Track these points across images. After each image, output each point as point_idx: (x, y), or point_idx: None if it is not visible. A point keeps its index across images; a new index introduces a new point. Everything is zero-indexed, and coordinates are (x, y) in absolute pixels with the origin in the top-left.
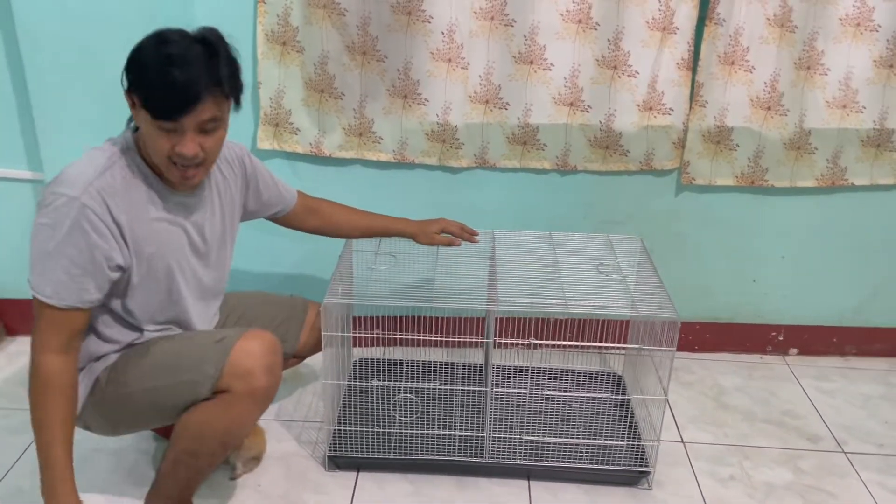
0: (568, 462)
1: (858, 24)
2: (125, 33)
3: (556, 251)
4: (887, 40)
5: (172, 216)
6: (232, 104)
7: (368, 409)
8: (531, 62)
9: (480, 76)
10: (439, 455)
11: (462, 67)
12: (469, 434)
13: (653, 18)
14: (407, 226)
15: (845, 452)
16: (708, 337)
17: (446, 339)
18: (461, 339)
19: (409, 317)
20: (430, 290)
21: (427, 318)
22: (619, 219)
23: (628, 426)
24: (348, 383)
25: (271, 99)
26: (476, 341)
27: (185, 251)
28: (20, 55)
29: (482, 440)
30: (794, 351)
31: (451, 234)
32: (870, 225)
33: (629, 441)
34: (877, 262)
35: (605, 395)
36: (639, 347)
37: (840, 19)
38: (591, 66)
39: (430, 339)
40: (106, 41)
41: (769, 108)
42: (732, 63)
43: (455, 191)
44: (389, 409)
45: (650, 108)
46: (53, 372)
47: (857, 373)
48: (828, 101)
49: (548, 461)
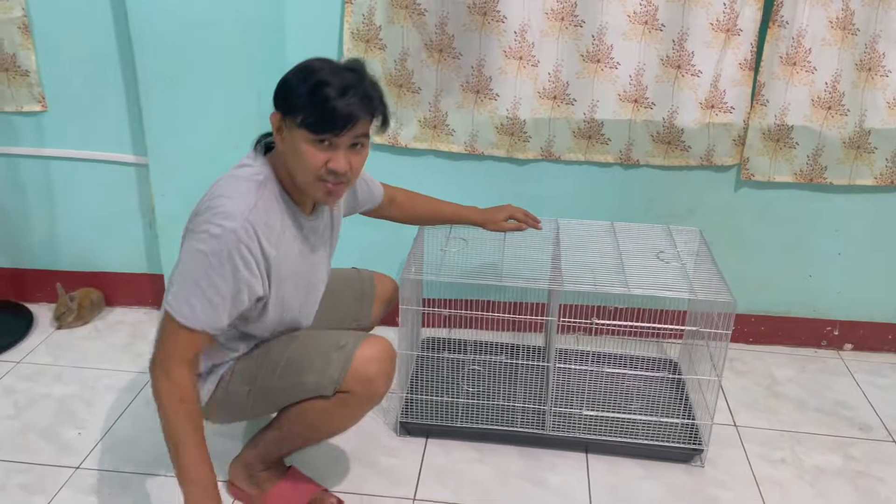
0: (624, 437)
1: None
2: (222, 33)
3: (617, 239)
4: None
5: (306, 243)
6: (378, 125)
7: (438, 380)
8: (598, 61)
9: (549, 73)
10: (503, 426)
11: (532, 65)
12: (532, 407)
13: (717, 20)
14: (475, 213)
15: None
16: (763, 329)
17: (511, 319)
18: (525, 318)
19: (475, 300)
20: (497, 273)
21: (493, 301)
22: (680, 212)
23: (683, 406)
24: (420, 354)
25: None
26: (539, 321)
27: (314, 276)
28: (132, 51)
29: (544, 413)
30: (848, 346)
31: (517, 221)
32: None
33: (684, 420)
34: None
35: (662, 375)
36: (696, 329)
37: None
38: (655, 65)
39: (495, 318)
40: (206, 40)
41: (829, 108)
42: (794, 64)
43: (521, 181)
44: (458, 381)
45: (712, 106)
46: (185, 385)
47: None
48: (888, 102)
49: (605, 435)
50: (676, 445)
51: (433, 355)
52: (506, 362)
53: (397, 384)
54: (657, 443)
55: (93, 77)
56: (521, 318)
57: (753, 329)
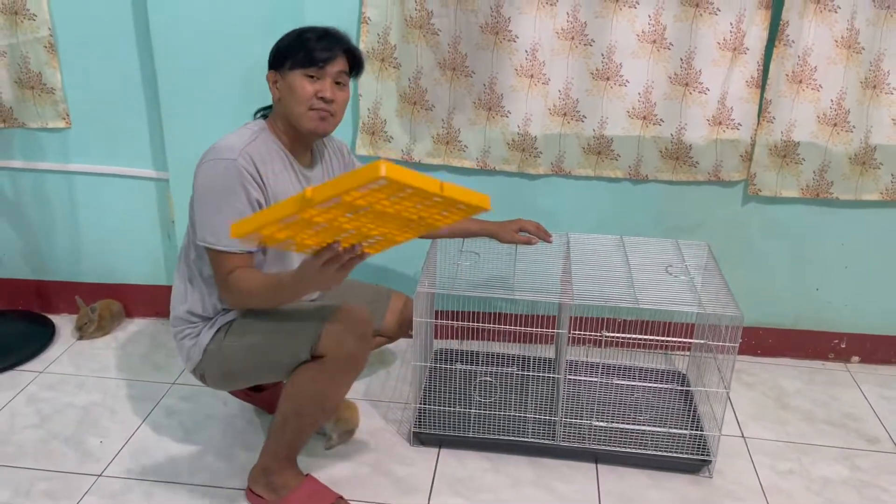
0: (634, 448)
1: None
2: (245, 46)
3: (626, 253)
4: None
5: (296, 182)
6: (353, 71)
7: (451, 391)
8: (608, 78)
9: (560, 91)
10: (514, 436)
11: (543, 83)
12: (542, 417)
13: (724, 39)
14: (488, 225)
15: None
16: (770, 342)
17: (522, 331)
18: (536, 330)
19: (487, 312)
20: (508, 286)
21: (504, 314)
22: (688, 226)
23: (691, 417)
24: (433, 365)
25: (369, 109)
26: (549, 334)
27: None
28: (154, 68)
29: (555, 424)
30: (855, 359)
31: (528, 233)
32: None
33: (692, 431)
34: None
35: (671, 386)
36: (704, 342)
37: None
38: (664, 83)
39: (507, 330)
40: (228, 53)
41: (835, 125)
42: (800, 82)
43: (532, 196)
44: (470, 392)
45: (719, 123)
46: (241, 275)
47: None
48: (893, 119)
49: (615, 446)
50: (685, 456)
51: (446, 366)
52: (517, 374)
53: (411, 395)
54: (666, 453)
55: (116, 94)
56: (531, 331)
57: (761, 341)
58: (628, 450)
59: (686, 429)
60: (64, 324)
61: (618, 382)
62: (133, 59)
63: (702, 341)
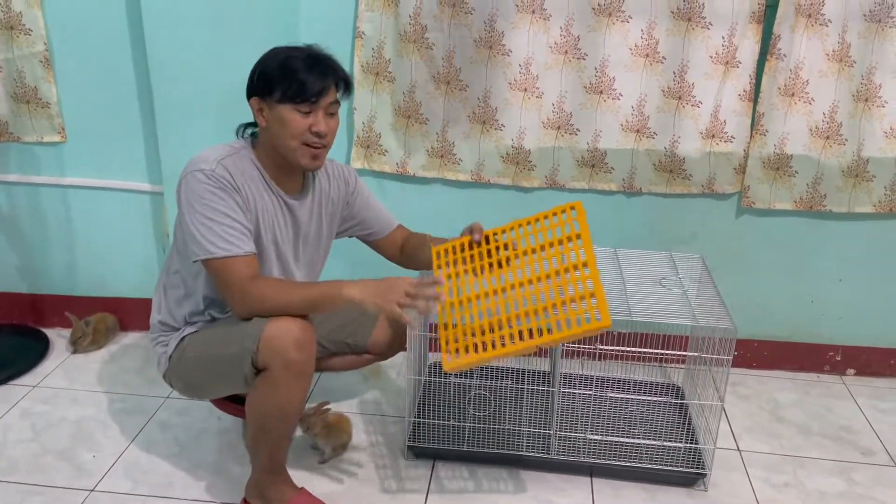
0: (629, 461)
1: None
2: (239, 65)
3: (620, 266)
4: None
5: (279, 210)
6: (342, 92)
7: (445, 404)
8: (601, 92)
9: (553, 104)
10: (509, 449)
11: (537, 96)
12: (537, 431)
13: (716, 53)
14: None
15: None
16: (765, 354)
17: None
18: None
19: None
20: None
21: None
22: (682, 239)
23: (686, 431)
24: (427, 378)
25: (364, 123)
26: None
27: (286, 243)
28: (149, 82)
29: (549, 437)
30: (851, 371)
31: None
32: None
33: (687, 444)
34: None
35: (665, 399)
36: (698, 355)
37: None
38: (657, 96)
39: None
40: (224, 67)
41: (828, 138)
42: (792, 95)
43: (526, 209)
44: (464, 405)
45: (713, 136)
46: (263, 284)
47: None
48: (885, 132)
49: (610, 460)
50: (680, 470)
51: (440, 380)
52: (511, 387)
53: (405, 409)
54: (661, 467)
55: (111, 109)
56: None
57: (756, 354)
58: (623, 463)
59: (681, 442)
60: (58, 338)
61: (613, 395)
62: (129, 73)
63: (696, 354)
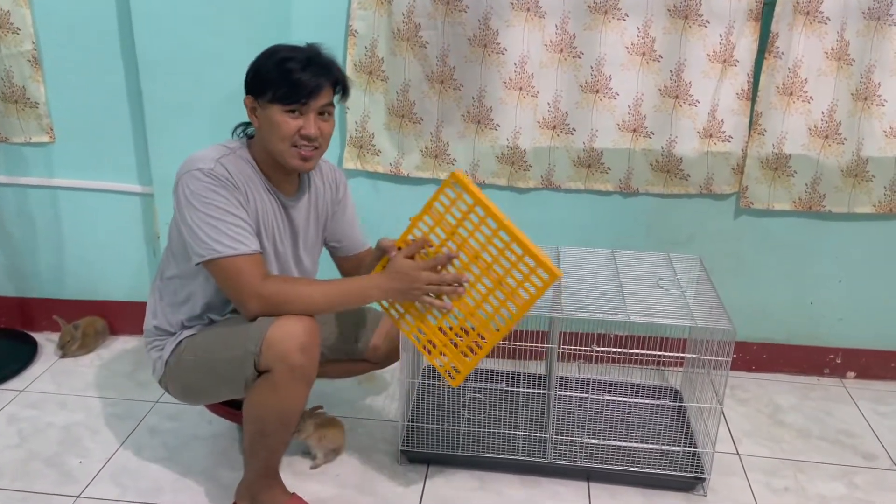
0: (626, 466)
1: None
2: (230, 65)
3: (617, 267)
4: None
5: (277, 211)
6: (339, 95)
7: (439, 408)
8: (597, 91)
9: (549, 103)
10: (504, 454)
11: (532, 95)
12: (533, 435)
13: (714, 51)
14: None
15: None
16: (765, 357)
17: (512, 346)
18: (526, 345)
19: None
20: None
21: None
22: (680, 239)
23: (685, 434)
24: (421, 382)
25: (357, 123)
26: (540, 350)
27: (284, 244)
28: (139, 82)
29: (545, 441)
30: (851, 374)
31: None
32: None
33: (685, 448)
34: None
35: (663, 402)
36: (696, 356)
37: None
38: (653, 95)
39: (497, 345)
40: (214, 67)
41: (827, 137)
42: (791, 94)
43: (522, 210)
44: (458, 409)
45: (710, 135)
46: (277, 283)
47: None
48: (885, 131)
49: (607, 464)
50: (678, 474)
51: (434, 383)
52: (507, 390)
53: (399, 413)
54: (659, 471)
55: (100, 109)
56: (522, 346)
57: (755, 357)
58: (621, 467)
59: (679, 446)
60: (46, 342)
61: (610, 398)
62: (118, 73)
63: (694, 356)
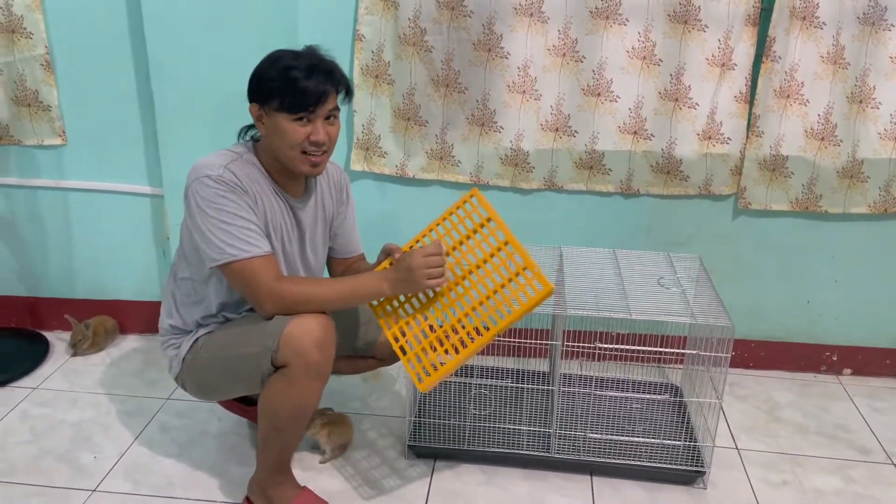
0: (628, 460)
1: None
2: (239, 69)
3: (619, 266)
4: None
5: (285, 213)
6: (343, 96)
7: (445, 403)
8: (598, 94)
9: (551, 106)
10: (509, 448)
11: (535, 99)
12: (537, 430)
13: (712, 56)
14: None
15: (895, 465)
16: (762, 355)
17: (516, 343)
18: (529, 342)
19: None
20: None
21: None
22: (679, 240)
23: (685, 429)
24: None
25: (363, 126)
26: (543, 347)
27: (292, 245)
28: (150, 85)
29: (549, 436)
30: (847, 371)
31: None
32: None
33: (686, 443)
34: None
35: (664, 397)
36: (696, 353)
37: (890, 57)
38: (654, 99)
39: (500, 343)
40: (224, 70)
41: (823, 139)
42: (788, 97)
43: (525, 210)
44: (464, 405)
45: (709, 138)
46: (293, 283)
47: None
48: (880, 133)
49: (610, 458)
50: (679, 468)
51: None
52: (511, 386)
53: (405, 408)
54: (660, 465)
55: (111, 112)
56: (525, 343)
57: (753, 354)
58: (623, 461)
59: (680, 440)
60: (57, 341)
61: (612, 394)
62: (129, 76)
63: (694, 352)
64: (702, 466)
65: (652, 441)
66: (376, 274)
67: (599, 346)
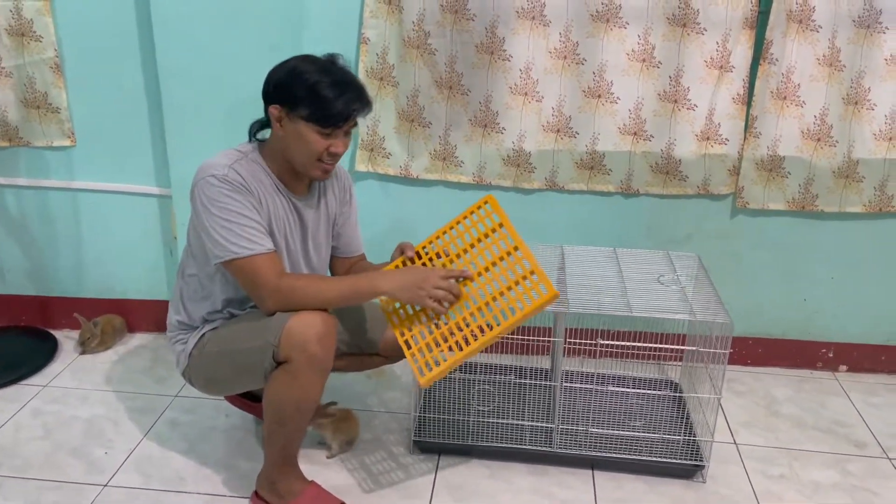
0: (629, 454)
1: None
2: (246, 69)
3: (619, 265)
4: None
5: (289, 211)
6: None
7: (449, 399)
8: (599, 96)
9: (553, 108)
10: (513, 443)
11: (536, 100)
12: (540, 425)
13: (711, 58)
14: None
15: (890, 458)
16: (760, 352)
17: (518, 340)
18: (532, 339)
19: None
20: None
21: None
22: (678, 239)
23: (684, 425)
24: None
25: (368, 127)
26: (545, 345)
27: (295, 243)
28: (158, 87)
29: (552, 431)
30: (843, 367)
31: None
32: None
33: (685, 437)
34: None
35: (664, 393)
36: (696, 349)
37: (885, 60)
38: (653, 100)
39: (504, 340)
40: (231, 72)
41: (819, 140)
42: (784, 98)
43: (527, 210)
44: (468, 400)
45: (707, 138)
46: (294, 279)
47: None
48: (874, 134)
49: (611, 453)
50: (679, 462)
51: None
52: (514, 382)
53: (410, 404)
54: (660, 459)
55: (120, 113)
56: (528, 340)
57: (751, 351)
58: (624, 456)
59: (680, 435)
60: (66, 339)
61: (613, 389)
62: (138, 78)
63: (693, 349)
64: (701, 461)
65: (652, 436)
66: (379, 274)
67: (600, 343)
